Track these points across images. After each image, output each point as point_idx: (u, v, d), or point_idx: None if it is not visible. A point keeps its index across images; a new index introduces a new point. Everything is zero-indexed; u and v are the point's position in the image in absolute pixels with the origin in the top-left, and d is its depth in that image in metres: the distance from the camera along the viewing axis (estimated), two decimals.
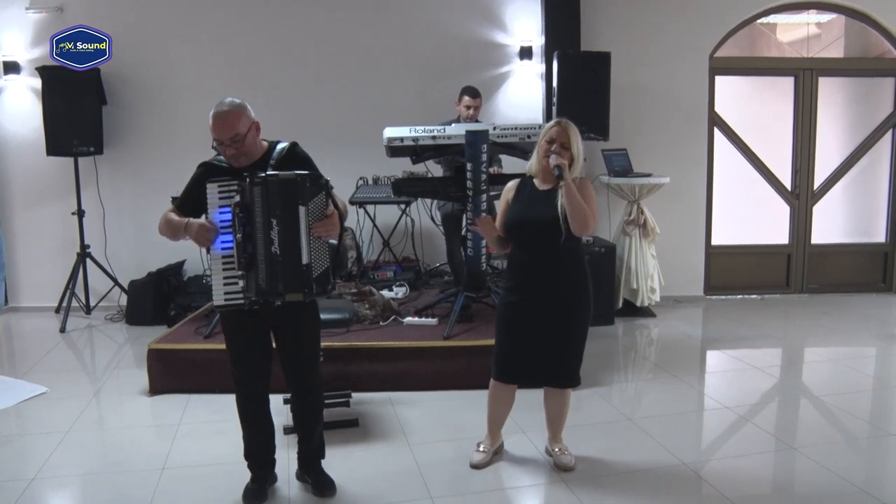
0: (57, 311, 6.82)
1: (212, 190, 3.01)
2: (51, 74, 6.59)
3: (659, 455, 3.76)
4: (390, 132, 4.94)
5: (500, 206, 3.60)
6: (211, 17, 7.05)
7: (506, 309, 3.52)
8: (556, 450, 3.65)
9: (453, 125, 5.10)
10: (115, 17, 6.94)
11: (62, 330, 6.40)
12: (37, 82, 6.76)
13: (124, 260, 7.04)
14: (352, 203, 6.61)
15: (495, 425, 3.72)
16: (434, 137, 4.89)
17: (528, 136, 4.90)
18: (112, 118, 6.98)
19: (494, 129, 4.89)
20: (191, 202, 3.12)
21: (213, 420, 4.21)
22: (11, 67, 6.91)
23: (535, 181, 3.49)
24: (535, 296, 3.42)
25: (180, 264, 7.01)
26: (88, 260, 6.89)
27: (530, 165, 3.54)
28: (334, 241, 3.09)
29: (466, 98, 5.83)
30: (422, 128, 4.91)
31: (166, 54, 7.04)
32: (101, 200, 7.00)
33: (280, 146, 3.19)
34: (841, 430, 4.22)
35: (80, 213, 6.83)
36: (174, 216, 3.11)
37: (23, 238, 7.15)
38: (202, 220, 3.03)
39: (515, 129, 5.00)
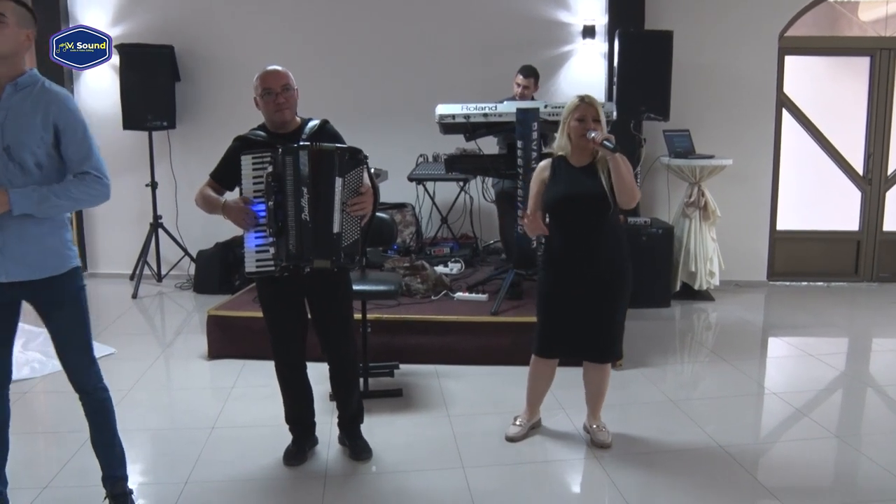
0: (131, 278, 7.16)
1: (246, 162, 3.16)
2: (129, 52, 6.90)
3: (696, 437, 3.76)
4: (442, 109, 5.01)
5: (533, 186, 3.58)
6: None
7: (548, 286, 3.54)
8: (594, 426, 3.68)
9: (505, 103, 5.13)
10: None
11: (134, 296, 6.75)
12: (115, 59, 7.05)
13: (194, 231, 7.31)
14: (410, 180, 6.71)
15: (534, 401, 3.78)
16: (485, 115, 4.94)
17: None
18: (185, 94, 7.27)
19: (546, 107, 4.89)
20: (226, 174, 3.28)
21: (264, 385, 4.38)
22: None
23: (569, 160, 3.47)
24: (577, 272, 3.44)
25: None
26: (160, 230, 7.22)
27: (557, 145, 3.51)
28: (366, 215, 3.20)
29: (519, 76, 5.89)
30: (473, 105, 4.96)
31: (237, 33, 7.26)
32: (173, 173, 7.29)
33: (312, 122, 3.33)
34: (892, 422, 4.11)
35: (154, 185, 7.14)
36: (211, 193, 3.29)
37: (101, 208, 7.39)
38: (238, 201, 3.16)
39: None
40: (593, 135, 3.27)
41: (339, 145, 3.16)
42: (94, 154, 2.66)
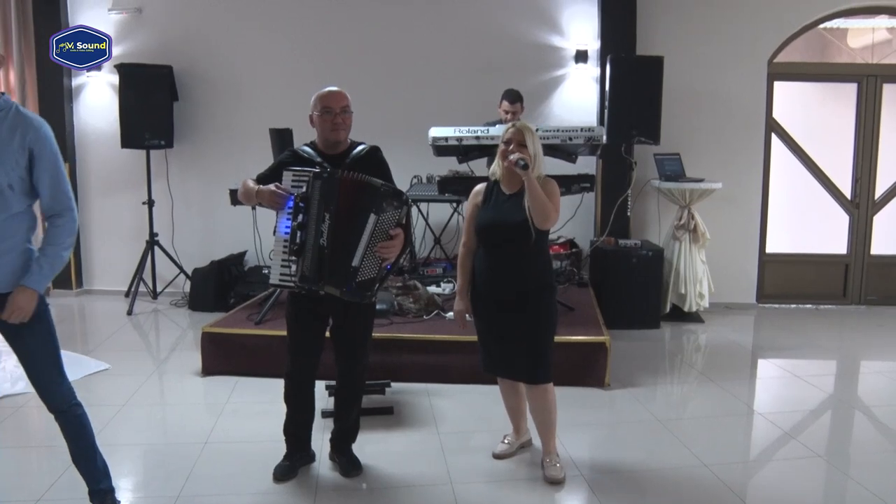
0: (126, 295, 7.21)
1: (286, 177, 3.24)
2: (127, 71, 7.01)
3: (684, 457, 3.80)
4: (435, 132, 5.09)
5: (466, 209, 3.65)
6: (276, 19, 7.34)
7: (477, 309, 3.60)
8: (546, 460, 3.60)
9: (497, 125, 5.22)
10: (188, 18, 7.35)
11: (129, 313, 6.79)
12: (115, 79, 7.17)
13: (190, 248, 7.40)
14: None
15: (514, 418, 3.82)
16: (478, 137, 5.02)
17: (570, 139, 4.99)
18: (182, 113, 7.36)
19: (537, 129, 4.97)
20: (271, 181, 3.30)
21: (258, 401, 4.46)
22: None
23: (502, 186, 3.52)
24: (495, 296, 3.49)
25: (241, 255, 7.33)
26: (157, 248, 7.28)
27: (493, 170, 3.57)
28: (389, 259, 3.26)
29: (505, 103, 5.95)
30: (466, 128, 5.04)
31: (235, 54, 7.38)
32: (170, 191, 7.38)
33: (360, 147, 3.41)
34: (877, 443, 4.18)
35: (151, 203, 7.22)
36: (251, 183, 3.34)
37: (98, 225, 7.60)
38: (272, 186, 3.21)
39: (558, 130, 5.08)
40: (512, 156, 3.33)
41: (384, 183, 3.20)
42: (65, 184, 2.74)
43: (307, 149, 3.40)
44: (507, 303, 3.48)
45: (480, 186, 3.61)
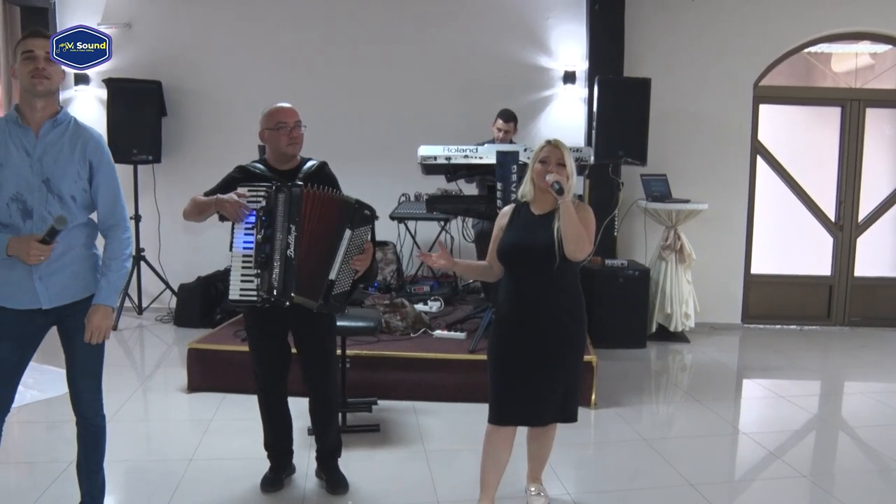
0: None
1: (242, 193, 3.22)
2: (116, 86, 7.00)
3: (669, 477, 3.82)
4: (424, 150, 5.10)
5: (494, 232, 3.35)
6: (264, 38, 7.39)
7: (499, 343, 3.26)
8: (532, 489, 3.48)
9: (486, 145, 5.25)
10: (178, 34, 7.37)
11: (114, 328, 6.69)
12: (103, 93, 7.16)
13: (176, 264, 7.37)
14: (392, 218, 6.79)
15: (492, 480, 3.31)
16: (466, 157, 5.04)
17: None
18: (171, 129, 7.36)
19: (525, 150, 5.01)
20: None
21: (244, 418, 4.40)
22: (81, 79, 7.32)
23: (531, 206, 3.24)
24: (528, 326, 3.17)
25: (228, 271, 7.26)
26: (143, 263, 7.24)
27: (521, 191, 3.30)
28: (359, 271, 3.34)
29: (500, 121, 6.01)
30: (455, 147, 5.06)
31: (223, 70, 7.40)
32: (157, 207, 7.35)
33: (311, 162, 3.44)
34: (861, 463, 4.21)
35: (137, 218, 7.18)
36: (202, 197, 3.30)
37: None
38: (233, 195, 3.17)
39: None
40: (549, 177, 3.08)
41: (357, 199, 3.29)
42: (121, 196, 2.86)
43: (258, 165, 3.41)
44: (535, 336, 3.17)
45: (508, 208, 3.35)
